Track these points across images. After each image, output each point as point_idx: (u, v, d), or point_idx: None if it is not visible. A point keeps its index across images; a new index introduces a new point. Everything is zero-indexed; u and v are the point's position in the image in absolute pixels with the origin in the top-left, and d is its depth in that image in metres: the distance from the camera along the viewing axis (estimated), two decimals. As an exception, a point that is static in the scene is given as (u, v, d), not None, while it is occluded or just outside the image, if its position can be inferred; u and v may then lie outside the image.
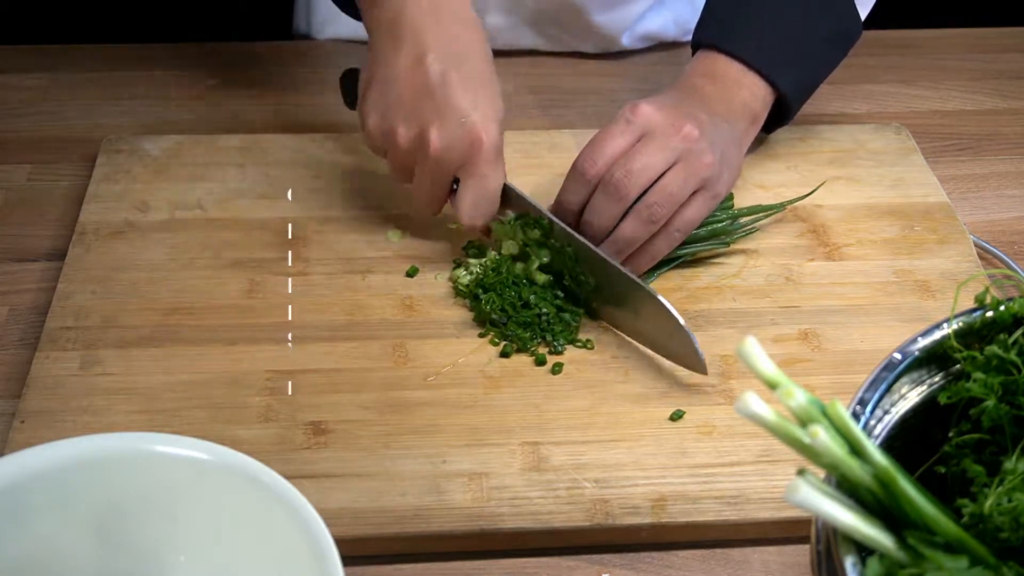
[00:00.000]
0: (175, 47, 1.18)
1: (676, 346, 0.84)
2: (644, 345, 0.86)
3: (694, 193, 0.88)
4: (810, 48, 0.97)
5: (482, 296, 0.87)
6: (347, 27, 1.19)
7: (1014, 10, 1.33)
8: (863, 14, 1.01)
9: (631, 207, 0.87)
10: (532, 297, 0.87)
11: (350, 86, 0.98)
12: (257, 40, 1.20)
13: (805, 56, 0.97)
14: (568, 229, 0.87)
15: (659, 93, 0.93)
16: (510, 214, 0.90)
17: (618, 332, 0.88)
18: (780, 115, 0.99)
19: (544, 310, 0.86)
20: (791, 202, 0.97)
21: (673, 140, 0.87)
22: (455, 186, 0.88)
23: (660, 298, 0.83)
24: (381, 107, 0.86)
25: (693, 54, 0.99)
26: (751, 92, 0.95)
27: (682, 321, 0.82)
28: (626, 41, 1.20)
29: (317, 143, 1.04)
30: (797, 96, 0.98)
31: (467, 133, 0.84)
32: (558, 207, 0.90)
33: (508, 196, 0.89)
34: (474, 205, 0.88)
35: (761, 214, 0.96)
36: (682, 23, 1.21)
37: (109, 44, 1.18)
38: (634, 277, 0.85)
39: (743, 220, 0.95)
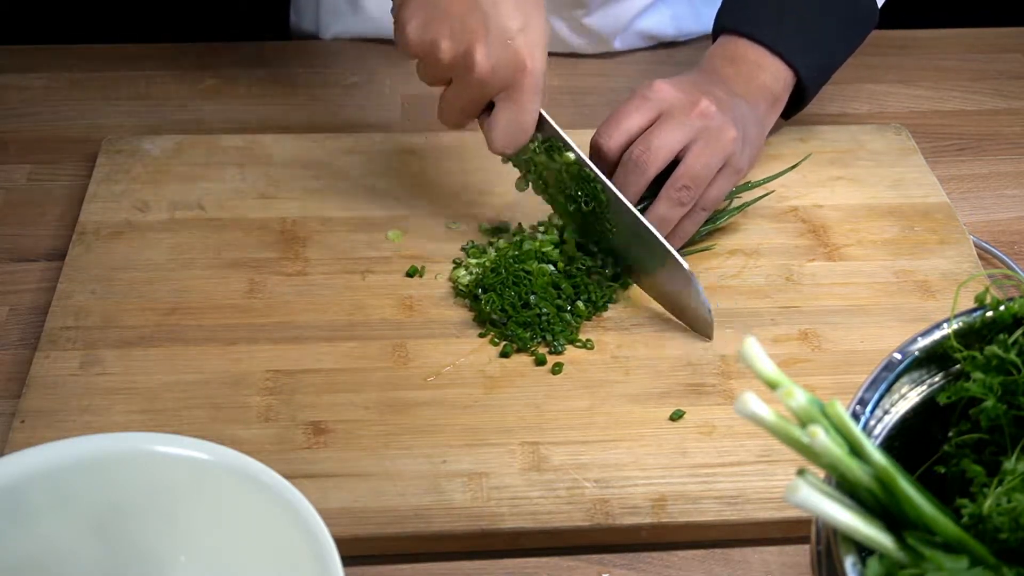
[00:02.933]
0: (175, 47, 1.18)
1: (685, 302, 0.86)
2: (659, 303, 0.89)
3: (718, 171, 0.89)
4: (829, 32, 0.98)
5: (482, 296, 0.87)
6: (351, 26, 1.19)
7: (1014, 10, 1.33)
8: (880, 1, 1.01)
9: (659, 190, 0.88)
10: (532, 297, 0.87)
11: None
12: (257, 40, 1.20)
13: (824, 40, 0.98)
14: (596, 171, 0.87)
15: (679, 75, 0.93)
16: (538, 137, 0.88)
17: (618, 331, 0.88)
18: (797, 99, 0.99)
19: (544, 310, 0.86)
20: (771, 179, 0.98)
21: (691, 116, 0.88)
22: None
23: (668, 246, 0.86)
24: (424, 14, 0.82)
25: (714, 40, 0.99)
26: (772, 74, 0.95)
27: (686, 265, 0.85)
28: (623, 39, 1.20)
29: (317, 143, 1.04)
30: (815, 80, 0.98)
31: (514, 57, 0.82)
32: None
33: (540, 125, 0.88)
34: (507, 134, 0.86)
35: (743, 194, 0.97)
36: (680, 22, 1.21)
37: (109, 44, 1.18)
38: (651, 227, 0.86)
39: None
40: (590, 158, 0.89)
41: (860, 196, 1.02)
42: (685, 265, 0.86)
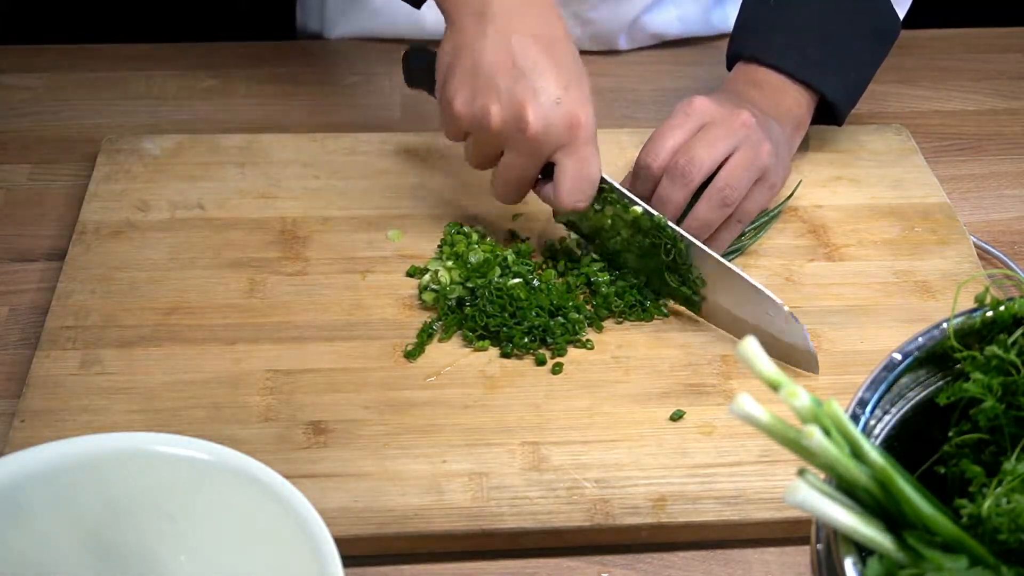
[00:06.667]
0: (175, 47, 1.18)
1: (784, 341, 0.84)
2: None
3: (753, 184, 0.89)
4: (851, 51, 0.98)
5: (468, 310, 0.86)
6: (357, 25, 1.19)
7: (1014, 10, 1.33)
8: (901, 14, 1.01)
9: (701, 194, 0.88)
10: (520, 312, 0.86)
11: (415, 64, 0.97)
12: (258, 39, 1.20)
13: (847, 60, 0.98)
14: (672, 225, 0.86)
15: (711, 93, 0.93)
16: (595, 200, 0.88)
17: (619, 331, 0.88)
18: (827, 112, 0.99)
19: (537, 324, 0.86)
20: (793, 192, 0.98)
21: (733, 126, 0.88)
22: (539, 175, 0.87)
23: (765, 290, 0.84)
24: (470, 88, 0.84)
25: (729, 66, 0.99)
26: (795, 99, 0.96)
27: (786, 308, 0.83)
28: (627, 38, 1.19)
29: (317, 143, 1.04)
30: (846, 99, 0.98)
31: (565, 113, 0.83)
32: None
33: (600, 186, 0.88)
34: (575, 187, 0.85)
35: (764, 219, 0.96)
36: (687, 21, 1.21)
37: (109, 44, 1.18)
38: (741, 272, 0.85)
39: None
40: (637, 178, 0.89)
41: (860, 196, 1.02)
42: (778, 300, 0.83)
